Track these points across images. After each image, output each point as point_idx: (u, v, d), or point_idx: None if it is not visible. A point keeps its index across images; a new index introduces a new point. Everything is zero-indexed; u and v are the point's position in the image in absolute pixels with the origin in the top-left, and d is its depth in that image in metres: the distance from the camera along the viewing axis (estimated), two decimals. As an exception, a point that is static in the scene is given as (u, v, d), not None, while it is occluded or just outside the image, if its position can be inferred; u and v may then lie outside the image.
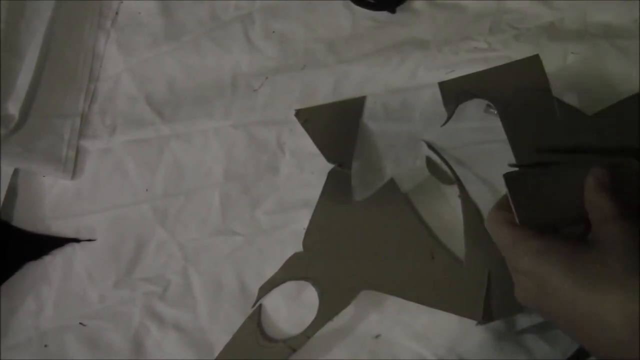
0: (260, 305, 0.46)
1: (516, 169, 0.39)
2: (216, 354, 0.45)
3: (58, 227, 0.52)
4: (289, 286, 0.45)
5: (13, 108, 0.54)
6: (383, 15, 0.56)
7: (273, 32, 0.57)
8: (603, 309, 0.27)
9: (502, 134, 0.45)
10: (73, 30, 0.59)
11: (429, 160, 0.48)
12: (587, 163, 0.33)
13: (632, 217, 0.29)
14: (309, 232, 0.46)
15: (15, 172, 0.54)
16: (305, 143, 0.51)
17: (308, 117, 0.52)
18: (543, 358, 0.41)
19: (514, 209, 0.33)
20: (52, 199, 0.53)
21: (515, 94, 0.46)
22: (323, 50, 0.55)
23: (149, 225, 0.51)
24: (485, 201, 0.46)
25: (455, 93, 0.48)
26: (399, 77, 0.52)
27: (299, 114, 0.52)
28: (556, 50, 0.50)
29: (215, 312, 0.47)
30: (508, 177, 0.34)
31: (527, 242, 0.31)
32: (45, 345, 0.47)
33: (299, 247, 0.46)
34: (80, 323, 0.48)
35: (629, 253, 0.28)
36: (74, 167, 0.54)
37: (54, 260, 0.51)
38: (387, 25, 0.55)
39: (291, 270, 0.45)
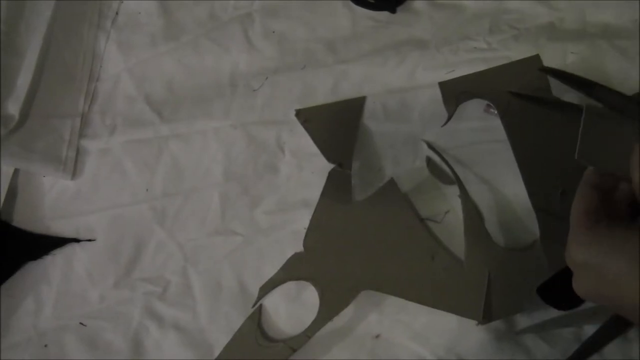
0: (261, 305, 0.46)
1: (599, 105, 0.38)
2: (216, 354, 0.45)
3: (58, 227, 0.52)
4: (289, 286, 0.45)
5: (13, 108, 0.54)
6: (383, 15, 0.56)
7: (272, 32, 0.57)
8: None
9: (502, 134, 0.45)
10: (73, 30, 0.59)
11: (429, 160, 0.48)
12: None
13: None
14: (309, 232, 0.46)
15: (15, 172, 0.54)
16: (305, 143, 0.51)
17: (308, 117, 0.52)
18: (543, 358, 0.41)
19: (579, 140, 0.32)
20: (52, 199, 0.53)
21: (515, 94, 0.47)
22: (323, 50, 0.55)
23: (149, 225, 0.51)
24: (485, 201, 0.46)
25: (455, 93, 0.48)
26: (399, 77, 0.52)
27: (299, 114, 0.52)
28: (556, 50, 0.50)
29: (214, 312, 0.46)
30: (588, 108, 0.33)
31: (582, 235, 0.30)
32: (45, 345, 0.47)
33: (299, 247, 0.46)
34: (80, 323, 0.48)
35: None
36: (74, 167, 0.54)
37: (54, 260, 0.51)
38: (387, 25, 0.55)
39: (291, 270, 0.45)
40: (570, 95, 0.46)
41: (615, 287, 0.28)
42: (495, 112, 0.47)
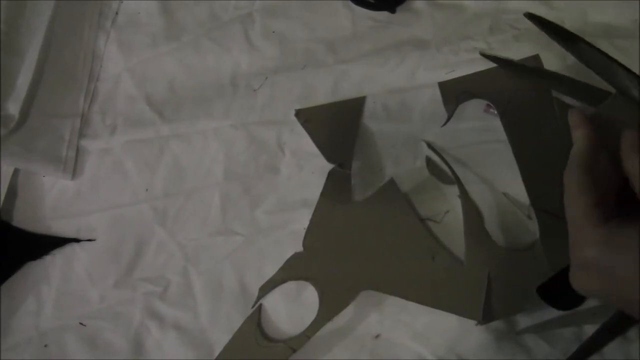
0: (260, 305, 0.46)
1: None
2: (216, 354, 0.45)
3: (58, 227, 0.52)
4: (289, 286, 0.45)
5: (13, 108, 0.54)
6: (383, 15, 0.56)
7: (273, 32, 0.57)
8: None
9: (502, 134, 0.45)
10: (73, 30, 0.59)
11: (429, 160, 0.48)
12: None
13: None
14: (309, 232, 0.46)
15: (15, 172, 0.54)
16: (305, 143, 0.51)
17: (308, 117, 0.52)
18: (543, 358, 0.41)
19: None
20: (52, 199, 0.53)
21: (515, 94, 0.46)
22: (323, 50, 0.55)
23: (149, 225, 0.51)
24: (485, 201, 0.46)
25: (455, 93, 0.48)
26: (399, 77, 0.52)
27: (299, 114, 0.52)
28: (556, 50, 0.50)
29: (215, 312, 0.46)
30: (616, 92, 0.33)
31: (591, 232, 0.29)
32: (45, 345, 0.47)
33: (299, 247, 0.46)
34: (80, 323, 0.48)
35: None
36: (74, 167, 0.54)
37: (54, 260, 0.51)
38: (387, 25, 0.55)
39: (291, 270, 0.45)
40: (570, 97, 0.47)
41: (628, 286, 0.28)
42: (495, 112, 0.47)
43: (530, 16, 0.43)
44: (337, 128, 0.51)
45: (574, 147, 0.33)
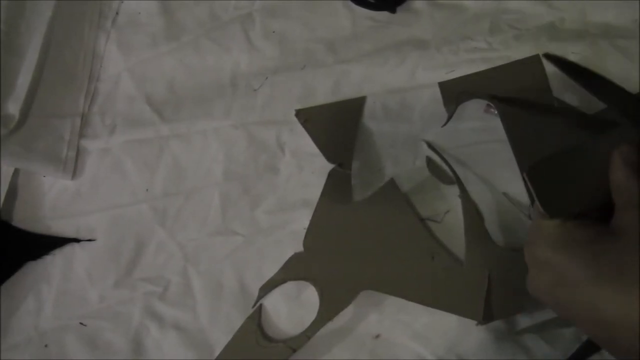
0: (261, 305, 0.46)
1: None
2: (216, 354, 0.45)
3: (58, 227, 0.52)
4: (289, 286, 0.45)
5: (13, 108, 0.54)
6: (383, 15, 0.56)
7: (273, 32, 0.57)
8: (626, 309, 0.24)
9: (502, 134, 0.45)
10: (73, 30, 0.59)
11: (429, 160, 0.48)
12: (612, 140, 0.30)
13: None
14: (309, 232, 0.46)
15: (15, 172, 0.54)
16: (305, 143, 0.51)
17: (308, 117, 0.52)
18: (543, 358, 0.41)
19: (537, 201, 0.31)
20: (52, 199, 0.53)
21: (515, 94, 0.46)
22: (323, 50, 0.55)
23: (149, 225, 0.51)
24: (485, 201, 0.46)
25: (455, 93, 0.48)
26: (399, 77, 0.52)
27: (299, 114, 0.52)
28: (556, 50, 0.50)
29: (215, 312, 0.46)
30: (530, 168, 0.32)
31: (546, 231, 0.29)
32: (45, 345, 0.47)
33: (299, 247, 0.46)
34: (80, 323, 0.48)
35: None
36: (74, 167, 0.54)
37: (54, 260, 0.51)
38: (387, 25, 0.55)
39: (291, 270, 0.45)
40: (570, 96, 0.47)
41: (571, 293, 0.27)
42: (495, 112, 0.47)
43: (548, 57, 0.43)
44: (337, 128, 0.51)
45: None
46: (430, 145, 0.48)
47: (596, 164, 0.31)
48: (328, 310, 0.43)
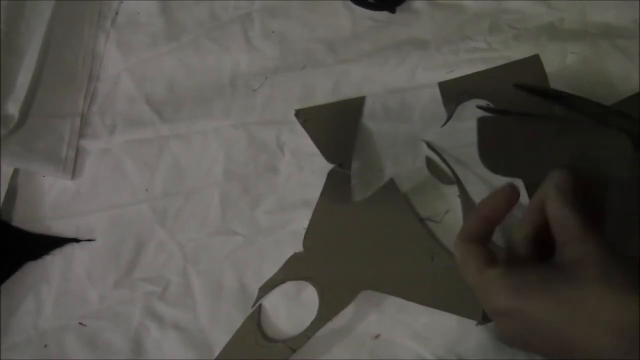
0: (260, 305, 0.46)
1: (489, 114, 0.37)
2: (216, 354, 0.44)
3: (58, 227, 0.52)
4: (289, 286, 0.45)
5: (13, 108, 0.54)
6: (383, 15, 0.56)
7: (272, 32, 0.57)
8: (593, 335, 0.25)
9: (502, 134, 0.45)
10: (73, 30, 0.59)
11: (429, 160, 0.48)
12: (563, 117, 0.30)
13: (597, 229, 0.27)
14: (309, 232, 0.46)
15: (15, 172, 0.54)
16: (305, 143, 0.51)
17: (308, 117, 0.52)
18: (543, 358, 0.41)
19: (478, 151, 0.31)
20: (52, 199, 0.53)
21: (515, 94, 0.46)
22: (322, 50, 0.55)
23: (149, 225, 0.51)
24: (485, 201, 0.46)
25: (455, 93, 0.48)
26: (399, 77, 0.52)
27: (298, 114, 0.52)
28: (556, 50, 0.50)
29: (215, 312, 0.46)
30: (481, 120, 0.32)
31: (498, 283, 0.28)
32: (45, 345, 0.47)
33: (299, 247, 0.46)
34: (80, 323, 0.48)
35: (605, 275, 0.25)
36: (74, 167, 0.54)
37: (54, 260, 0.51)
38: (387, 25, 0.55)
39: (291, 270, 0.45)
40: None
41: (543, 332, 0.27)
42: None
43: (518, 86, 0.42)
44: (337, 128, 0.51)
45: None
46: (430, 145, 0.48)
47: (541, 138, 0.31)
48: (328, 310, 0.43)
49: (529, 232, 0.30)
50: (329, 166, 0.49)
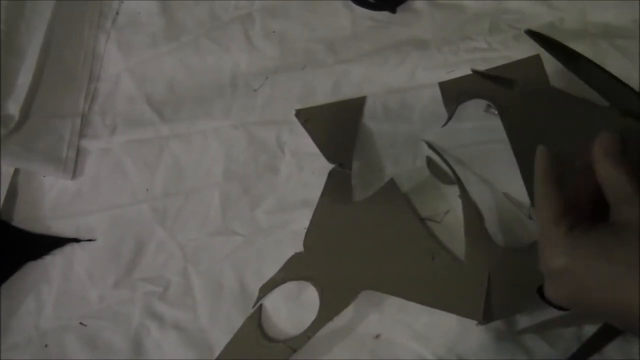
0: (261, 306, 0.46)
1: None
2: (216, 354, 0.44)
3: (58, 227, 0.52)
4: (289, 286, 0.45)
5: (13, 108, 0.54)
6: (383, 15, 0.56)
7: (273, 32, 0.57)
8: None
9: (502, 134, 0.45)
10: (73, 30, 0.59)
11: (429, 160, 0.48)
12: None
13: None
14: (309, 232, 0.46)
15: (15, 172, 0.54)
16: (305, 143, 0.51)
17: (308, 117, 0.52)
18: (543, 358, 0.41)
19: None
20: (52, 199, 0.53)
21: (515, 94, 0.46)
22: (323, 50, 0.55)
23: (149, 225, 0.51)
24: (485, 201, 0.46)
25: (455, 93, 0.48)
26: (399, 77, 0.52)
27: (299, 114, 0.52)
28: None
29: (215, 312, 0.46)
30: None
31: (556, 241, 0.29)
32: (45, 345, 0.47)
33: (299, 247, 0.46)
34: (80, 323, 0.48)
35: None
36: (74, 167, 0.54)
37: (54, 260, 0.51)
38: (387, 25, 0.55)
39: (291, 270, 0.45)
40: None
41: (598, 292, 0.27)
42: (495, 112, 0.47)
43: (531, 33, 0.42)
44: (337, 128, 0.51)
45: (536, 159, 0.32)
46: (430, 145, 0.48)
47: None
48: (328, 310, 0.43)
49: (585, 194, 0.30)
50: (329, 166, 0.49)
